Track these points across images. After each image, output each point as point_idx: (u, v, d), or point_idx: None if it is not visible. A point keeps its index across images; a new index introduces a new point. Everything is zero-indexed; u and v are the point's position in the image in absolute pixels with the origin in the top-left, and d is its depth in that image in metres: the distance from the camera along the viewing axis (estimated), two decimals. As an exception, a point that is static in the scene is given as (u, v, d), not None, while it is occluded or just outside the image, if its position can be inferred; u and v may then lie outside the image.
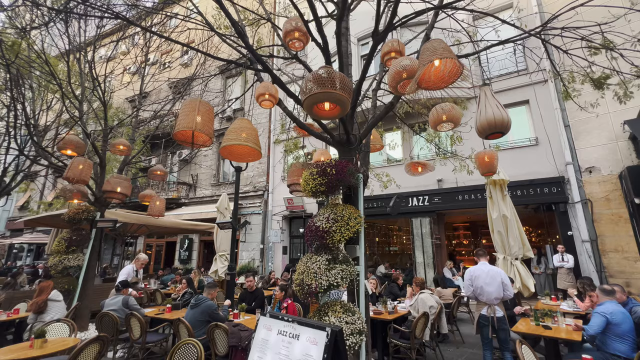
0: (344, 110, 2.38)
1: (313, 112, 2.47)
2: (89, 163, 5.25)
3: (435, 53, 1.99)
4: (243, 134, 2.49)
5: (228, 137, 2.53)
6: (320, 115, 2.51)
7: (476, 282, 4.12)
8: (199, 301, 3.92)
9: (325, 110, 2.48)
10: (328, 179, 2.91)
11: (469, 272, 4.24)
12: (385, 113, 3.54)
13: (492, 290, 3.97)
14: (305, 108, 2.43)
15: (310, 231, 2.92)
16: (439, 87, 2.16)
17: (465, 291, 4.28)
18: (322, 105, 2.49)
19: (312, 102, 2.34)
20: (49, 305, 4.42)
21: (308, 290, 2.67)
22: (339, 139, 3.42)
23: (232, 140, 2.49)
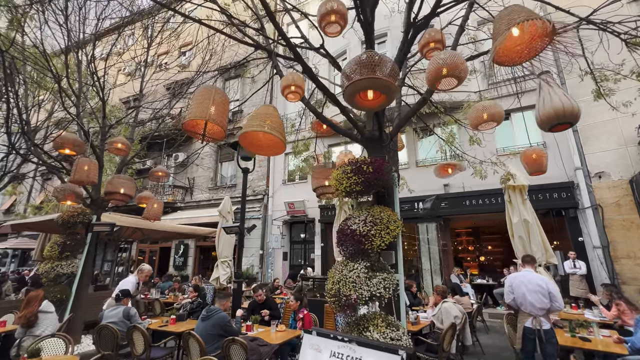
0: (390, 100, 2.13)
1: (354, 101, 2.21)
2: (94, 163, 4.89)
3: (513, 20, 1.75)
4: (267, 121, 2.20)
5: (250, 123, 2.24)
6: (363, 106, 2.25)
7: (517, 291, 3.84)
8: (211, 313, 3.57)
9: (368, 100, 2.22)
10: (365, 178, 2.64)
11: (510, 279, 3.99)
12: (417, 109, 3.30)
13: (536, 300, 3.69)
14: (346, 97, 2.17)
15: (345, 235, 2.63)
16: (517, 63, 1.93)
17: (505, 298, 4.02)
18: (364, 95, 2.23)
19: (357, 89, 2.08)
20: (39, 318, 3.99)
21: (346, 301, 2.37)
22: (370, 136, 3.16)
23: (254, 126, 2.20)
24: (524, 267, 4.10)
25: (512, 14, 1.82)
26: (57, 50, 6.06)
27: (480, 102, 3.06)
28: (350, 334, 2.44)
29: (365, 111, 2.69)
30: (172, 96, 9.34)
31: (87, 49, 6.16)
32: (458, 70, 2.36)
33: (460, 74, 2.35)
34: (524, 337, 3.78)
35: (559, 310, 3.88)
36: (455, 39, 3.35)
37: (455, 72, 2.36)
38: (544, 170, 3.50)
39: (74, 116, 5.63)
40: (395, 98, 2.09)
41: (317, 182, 4.18)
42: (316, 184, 4.20)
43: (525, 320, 3.80)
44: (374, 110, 2.46)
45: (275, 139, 2.42)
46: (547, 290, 3.70)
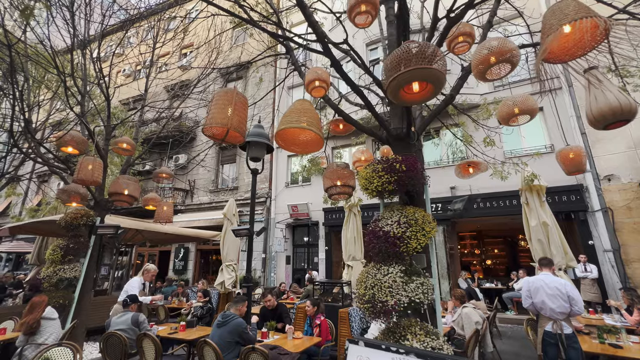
0: (437, 91, 2.00)
1: (399, 95, 2.08)
2: (99, 162, 4.71)
3: (566, 16, 1.64)
4: (304, 117, 2.07)
5: (286, 119, 2.10)
6: (408, 100, 2.12)
7: (536, 295, 3.73)
8: (227, 318, 3.40)
9: (412, 93, 2.09)
10: (398, 177, 2.50)
11: (527, 282, 3.87)
12: (444, 106, 3.19)
13: (556, 305, 3.57)
14: (390, 91, 2.04)
15: (377, 237, 2.49)
16: (565, 60, 1.82)
17: (523, 303, 3.90)
18: (408, 88, 2.10)
19: (403, 81, 1.94)
20: (42, 325, 3.78)
21: (382, 308, 2.22)
22: (397, 134, 3.04)
23: (291, 122, 2.06)
24: (541, 271, 3.98)
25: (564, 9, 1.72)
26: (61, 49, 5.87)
27: (509, 96, 2.95)
28: (387, 341, 2.29)
29: (408, 105, 2.55)
30: (175, 96, 9.20)
31: (92, 47, 6.00)
32: (511, 55, 2.26)
33: (513, 58, 2.25)
34: (544, 342, 3.66)
35: (578, 314, 3.75)
36: (483, 34, 3.25)
37: (508, 57, 2.26)
38: (584, 170, 3.39)
39: (79, 115, 5.45)
40: (442, 89, 1.95)
41: (329, 182, 4.03)
42: (328, 183, 4.05)
43: (546, 325, 3.68)
44: (417, 104, 2.33)
45: (313, 135, 2.29)
46: (566, 294, 3.59)
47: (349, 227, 6.90)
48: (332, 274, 11.20)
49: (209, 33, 5.44)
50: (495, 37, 2.43)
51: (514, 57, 2.42)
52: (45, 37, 4.94)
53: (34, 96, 7.88)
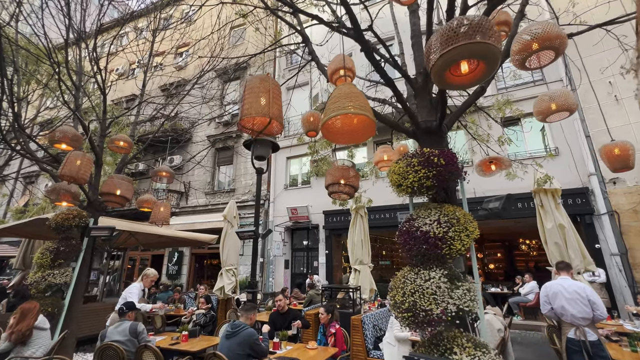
0: (490, 71, 1.78)
1: (444, 78, 1.85)
2: (88, 158, 4.36)
3: None
4: (350, 102, 1.83)
5: (331, 108, 1.86)
6: (454, 83, 1.90)
7: (555, 301, 3.55)
8: (237, 328, 3.09)
9: (460, 75, 1.87)
10: (437, 171, 2.28)
11: (545, 288, 3.68)
12: (475, 98, 2.99)
13: (576, 311, 3.40)
14: (435, 74, 1.82)
15: (413, 238, 2.25)
16: None
17: (542, 310, 3.70)
18: (455, 69, 1.88)
19: (453, 59, 1.72)
20: (33, 335, 3.43)
21: (426, 317, 1.97)
22: (427, 127, 2.82)
23: (338, 109, 1.82)
24: (558, 275, 3.81)
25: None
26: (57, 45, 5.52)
27: (546, 92, 2.77)
28: (431, 354, 2.04)
29: (455, 89, 2.34)
30: (171, 96, 8.87)
31: (88, 38, 5.67)
32: (557, 42, 2.07)
33: (559, 45, 2.06)
34: (568, 350, 3.47)
35: (601, 319, 3.57)
36: (515, 24, 3.07)
37: (553, 44, 2.06)
38: (631, 166, 3.22)
39: (73, 110, 5.10)
40: (497, 67, 1.73)
41: (332, 179, 3.75)
42: (330, 180, 3.77)
43: (568, 331, 3.50)
44: (464, 88, 2.11)
45: (362, 122, 2.04)
46: (586, 298, 3.42)
47: (356, 230, 6.65)
48: (332, 279, 10.92)
49: (213, 23, 5.18)
50: (540, 21, 2.24)
51: (561, 45, 2.24)
52: (38, 23, 4.60)
53: (24, 91, 7.48)
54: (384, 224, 10.43)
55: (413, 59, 3.31)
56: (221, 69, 14.27)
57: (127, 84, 18.14)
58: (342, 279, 11.59)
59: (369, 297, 6.30)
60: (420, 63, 3.27)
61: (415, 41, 3.36)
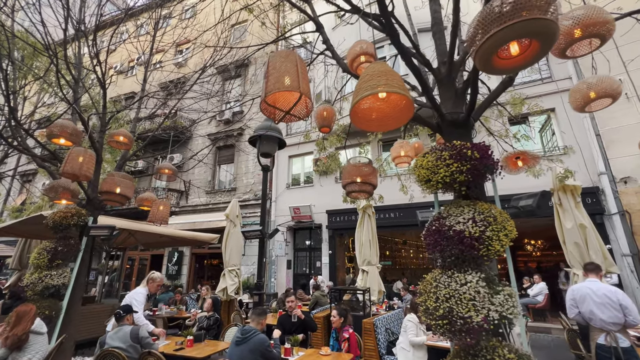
0: (546, 51, 1.58)
1: (491, 63, 1.66)
2: (91, 154, 4.16)
3: None
4: (384, 80, 1.63)
5: (363, 87, 1.65)
6: (503, 67, 1.70)
7: (583, 305, 3.38)
8: (247, 334, 2.90)
9: (509, 57, 1.68)
10: (471, 165, 2.09)
11: (572, 291, 3.51)
12: (502, 89, 2.81)
13: (606, 316, 3.23)
14: (480, 58, 1.63)
15: (446, 238, 2.06)
16: None
17: (568, 313, 3.53)
18: (503, 53, 1.68)
19: (502, 40, 1.53)
20: (30, 340, 3.23)
21: (465, 326, 1.78)
22: (453, 119, 2.63)
23: (372, 88, 1.61)
24: (586, 277, 3.64)
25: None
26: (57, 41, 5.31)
27: (583, 79, 2.59)
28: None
29: (502, 74, 2.14)
30: (170, 94, 8.66)
31: (88, 30, 5.46)
32: (604, 28, 1.88)
33: (606, 31, 1.87)
34: (598, 356, 3.29)
35: (634, 325, 3.39)
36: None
37: (599, 30, 1.87)
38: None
39: (71, 103, 4.88)
40: (553, 45, 1.53)
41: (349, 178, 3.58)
42: (347, 180, 3.59)
43: (598, 337, 3.32)
44: (513, 72, 1.92)
45: (398, 103, 1.84)
46: (618, 303, 3.24)
47: (363, 230, 6.46)
48: (335, 279, 10.72)
49: (217, 17, 4.98)
50: (583, 5, 2.06)
51: (608, 31, 2.06)
52: (36, 14, 4.38)
53: (20, 86, 7.25)
54: (389, 223, 10.25)
55: (435, 49, 3.12)
56: (222, 66, 14.07)
57: (126, 82, 17.90)
58: (344, 279, 11.41)
59: (378, 298, 6.12)
60: (443, 52, 3.09)
61: (437, 29, 3.18)
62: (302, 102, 2.39)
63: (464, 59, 2.88)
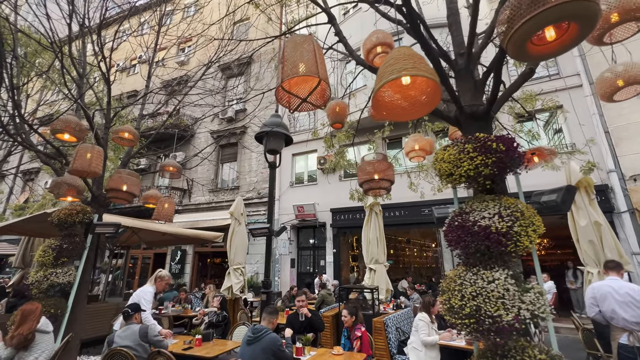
0: (585, 34, 1.49)
1: (524, 49, 1.57)
2: (99, 150, 4.09)
3: None
4: (411, 64, 1.54)
5: (387, 71, 1.57)
6: (537, 54, 1.61)
7: (604, 304, 3.29)
8: (258, 334, 2.82)
9: (545, 43, 1.59)
10: (497, 158, 2.01)
11: (592, 289, 3.42)
12: (522, 81, 2.72)
13: (629, 315, 3.14)
14: (513, 45, 1.54)
15: (470, 233, 1.97)
16: None
17: (588, 312, 3.45)
18: (539, 39, 1.59)
19: (539, 25, 1.44)
20: (36, 339, 3.16)
21: (494, 325, 1.70)
22: (473, 111, 2.54)
23: (396, 72, 1.53)
24: (607, 275, 3.56)
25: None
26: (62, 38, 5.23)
27: (608, 67, 2.50)
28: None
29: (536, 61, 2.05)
30: (173, 92, 8.59)
31: (93, 26, 5.38)
32: None
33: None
34: (620, 357, 3.21)
35: None
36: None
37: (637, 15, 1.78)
38: None
39: (75, 98, 4.81)
40: (594, 27, 1.44)
41: (365, 175, 3.52)
42: (364, 177, 3.54)
43: (620, 336, 3.23)
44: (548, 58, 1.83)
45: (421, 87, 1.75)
46: None
47: (370, 228, 6.38)
48: (340, 278, 10.65)
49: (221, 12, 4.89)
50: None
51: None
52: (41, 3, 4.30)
53: (23, 83, 7.18)
54: (393, 222, 10.16)
55: (451, 41, 3.03)
56: (226, 64, 13.99)
57: (128, 80, 17.84)
58: (349, 278, 11.34)
59: (385, 297, 6.05)
60: (460, 44, 3.00)
61: (453, 20, 3.09)
62: (319, 90, 2.32)
63: (482, 49, 2.79)
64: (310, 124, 12.99)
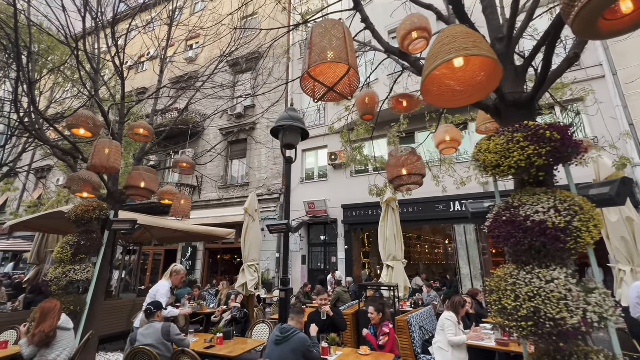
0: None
1: (595, 25, 1.42)
2: (116, 145, 4.04)
3: None
4: (468, 42, 1.40)
5: (442, 51, 1.42)
6: (607, 30, 1.45)
7: None
8: (287, 333, 2.73)
9: (619, 18, 1.43)
10: (552, 147, 1.85)
11: (637, 288, 3.25)
12: (567, 67, 2.54)
13: None
14: (581, 21, 1.38)
15: (522, 229, 1.83)
16: None
17: (632, 312, 3.28)
18: (612, 13, 1.43)
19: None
20: (57, 336, 3.12)
21: (557, 328, 1.56)
22: (515, 99, 2.38)
23: (454, 51, 1.38)
24: None
25: None
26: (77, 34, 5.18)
27: None
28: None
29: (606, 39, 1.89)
30: (182, 89, 8.51)
31: (106, 16, 5.31)
32: None
33: None
34: None
35: None
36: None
37: None
38: None
39: (91, 93, 4.75)
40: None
41: (395, 171, 3.39)
42: (394, 173, 3.40)
43: None
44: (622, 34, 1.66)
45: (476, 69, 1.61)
46: None
47: (387, 224, 6.24)
48: (352, 275, 10.55)
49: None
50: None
51: None
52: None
53: (36, 79, 7.17)
54: (405, 218, 9.98)
55: (487, 24, 2.86)
56: (234, 59, 13.86)
57: (137, 77, 17.86)
58: (361, 275, 11.24)
59: (403, 295, 5.92)
60: (496, 28, 2.82)
61: (488, 4, 2.90)
62: (347, 79, 2.19)
63: (522, 32, 2.63)
64: (320, 120, 12.84)
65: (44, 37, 7.00)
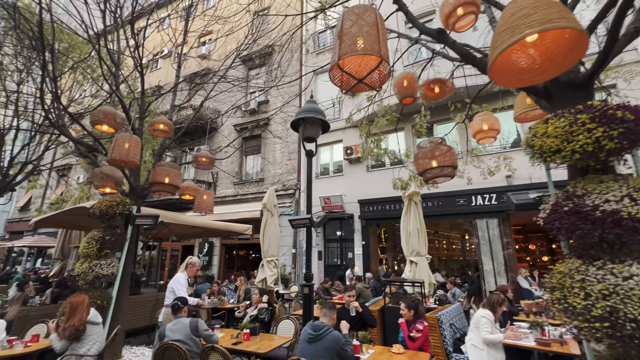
0: None
1: None
2: (136, 140, 4.01)
3: None
4: (552, 12, 1.22)
5: (521, 23, 1.26)
6: None
7: None
8: (320, 331, 2.62)
9: None
10: (625, 128, 1.66)
11: None
12: (627, 42, 2.32)
13: None
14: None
15: (590, 220, 1.65)
16: None
17: None
18: None
19: None
20: (87, 330, 3.13)
21: (639, 330, 1.39)
22: (570, 79, 2.18)
23: (537, 24, 1.22)
24: None
25: None
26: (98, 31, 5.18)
27: None
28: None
29: None
30: (196, 85, 8.49)
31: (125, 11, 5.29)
32: None
33: None
34: None
35: None
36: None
37: None
38: None
39: (113, 89, 4.73)
40: None
41: (425, 163, 3.22)
42: (424, 165, 3.23)
43: None
44: None
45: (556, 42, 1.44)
46: None
47: (410, 219, 6.07)
48: (370, 270, 10.40)
49: None
50: None
51: None
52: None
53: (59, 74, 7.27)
54: (427, 213, 9.74)
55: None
56: (247, 55, 13.78)
57: (152, 75, 18.05)
58: (378, 270, 11.08)
59: (428, 291, 5.76)
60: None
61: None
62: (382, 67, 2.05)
63: (576, 3, 2.42)
64: (335, 114, 12.67)
65: (64, 36, 7.06)
